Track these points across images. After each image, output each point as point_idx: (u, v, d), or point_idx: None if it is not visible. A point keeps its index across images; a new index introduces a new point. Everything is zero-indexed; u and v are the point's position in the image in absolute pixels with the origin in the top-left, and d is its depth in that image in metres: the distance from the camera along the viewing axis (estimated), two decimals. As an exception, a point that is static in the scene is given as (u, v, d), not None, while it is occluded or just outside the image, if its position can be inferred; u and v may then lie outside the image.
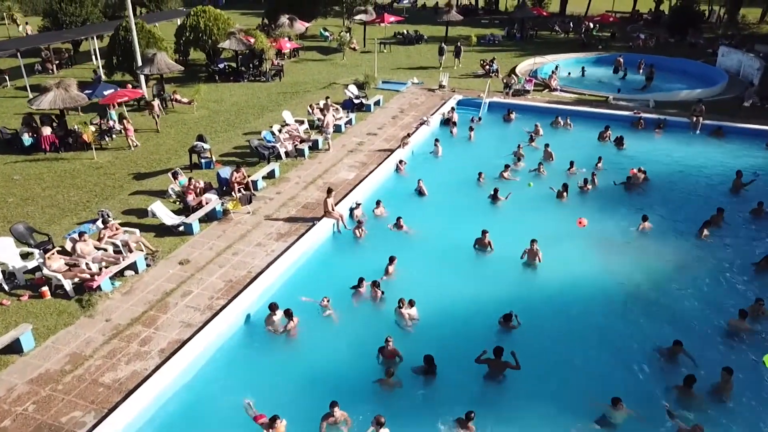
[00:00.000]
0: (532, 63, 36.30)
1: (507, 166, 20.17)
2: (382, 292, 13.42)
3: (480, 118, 26.05)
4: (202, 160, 19.93)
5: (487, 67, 33.18)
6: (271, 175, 19.14)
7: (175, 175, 17.85)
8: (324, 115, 21.72)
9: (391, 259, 14.33)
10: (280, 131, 21.70)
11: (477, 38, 40.99)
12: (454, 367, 11.33)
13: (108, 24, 37.73)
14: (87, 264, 13.42)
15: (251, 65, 33.30)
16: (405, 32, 43.13)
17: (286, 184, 18.88)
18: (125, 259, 13.74)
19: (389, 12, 53.83)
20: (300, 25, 37.20)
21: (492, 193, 18.32)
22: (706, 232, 16.26)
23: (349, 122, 24.27)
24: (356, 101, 26.35)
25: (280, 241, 15.33)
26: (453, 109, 25.65)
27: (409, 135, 22.01)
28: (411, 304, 12.86)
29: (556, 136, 23.96)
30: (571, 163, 20.94)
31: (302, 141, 21.53)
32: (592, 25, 46.29)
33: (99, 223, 15.20)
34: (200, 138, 20.32)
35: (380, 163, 20.34)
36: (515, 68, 35.00)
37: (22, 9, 52.57)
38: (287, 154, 20.92)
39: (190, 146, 19.99)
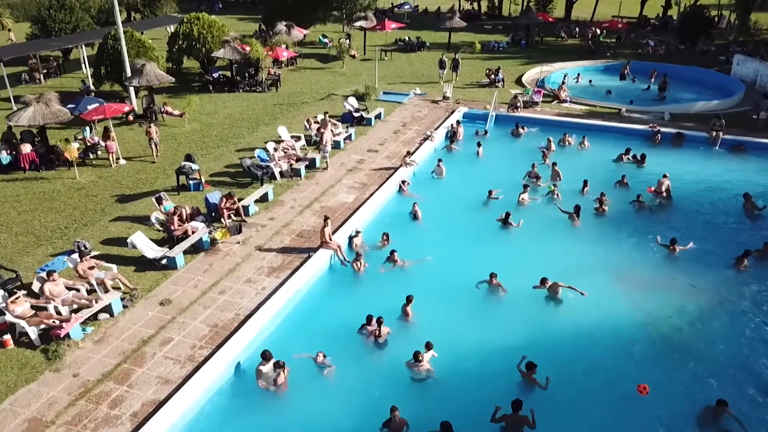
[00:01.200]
0: (538, 71, 35.02)
1: (526, 187, 18.75)
2: (388, 331, 12.05)
3: (486, 132, 24.69)
4: (191, 182, 18.55)
5: (493, 76, 31.81)
6: (263, 199, 17.76)
7: (159, 200, 16.47)
8: (322, 131, 20.33)
9: (409, 299, 12.88)
10: (275, 149, 20.31)
11: (481, 45, 39.64)
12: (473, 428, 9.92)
13: (98, 31, 36.32)
14: (56, 307, 12.03)
15: (246, 75, 31.96)
16: (406, 39, 41.81)
17: (280, 208, 17.49)
18: (99, 302, 12.34)
19: (390, 18, 52.60)
20: (298, 32, 35.88)
21: (503, 216, 16.94)
22: (745, 262, 14.81)
23: (349, 137, 22.90)
24: (356, 114, 24.98)
25: (272, 276, 13.94)
26: (458, 122, 24.29)
27: (410, 153, 20.61)
28: (428, 347, 11.47)
29: (568, 155, 22.51)
30: (585, 183, 19.62)
31: (298, 160, 20.16)
32: (599, 31, 44.99)
33: (75, 256, 13.81)
34: (188, 158, 18.95)
35: (381, 184, 18.96)
36: (521, 76, 33.70)
37: (14, 15, 51.24)
38: (282, 173, 19.54)
39: (178, 167, 18.59)
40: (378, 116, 25.59)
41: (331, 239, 14.88)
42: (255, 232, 16.03)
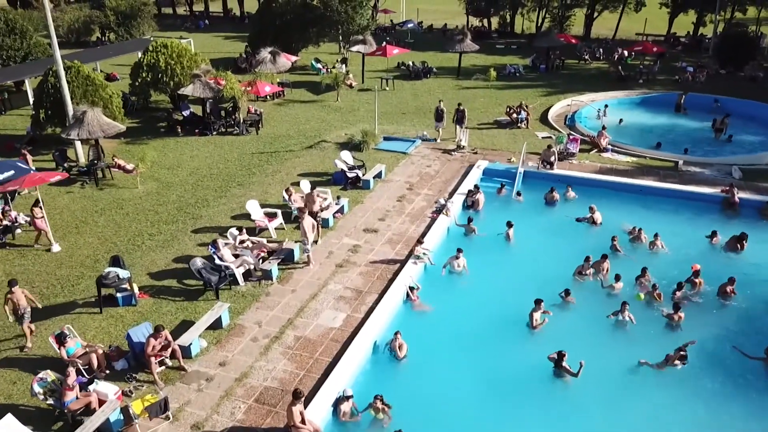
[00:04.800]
0: (566, 105, 29.99)
1: (568, 293, 13.76)
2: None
3: (519, 193, 19.62)
4: (119, 295, 13.44)
5: (514, 114, 26.72)
6: (216, 325, 12.62)
7: (61, 340, 11.33)
8: (302, 214, 15.19)
9: None
10: (240, 242, 15.16)
11: (496, 72, 34.58)
12: None
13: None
14: None
15: (223, 113, 26.94)
16: (411, 64, 36.75)
17: (236, 341, 12.34)
18: None
19: (391, 36, 47.69)
20: (285, 61, 30.83)
21: (554, 355, 11.84)
22: None
23: (341, 210, 17.78)
24: (351, 174, 19.87)
25: (210, 496, 8.82)
26: (477, 188, 19.11)
27: (420, 242, 15.46)
28: None
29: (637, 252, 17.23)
30: (644, 271, 14.79)
31: (270, 254, 15.02)
32: (626, 53, 39.93)
33: None
34: (115, 261, 13.83)
35: (383, 293, 13.81)
36: (547, 111, 28.62)
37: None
38: (248, 273, 14.43)
39: (99, 275, 13.45)
40: (378, 175, 20.46)
41: (304, 422, 9.73)
42: (195, 393, 10.89)
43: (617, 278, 14.70)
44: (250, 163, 22.50)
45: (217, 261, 14.14)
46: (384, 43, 36.18)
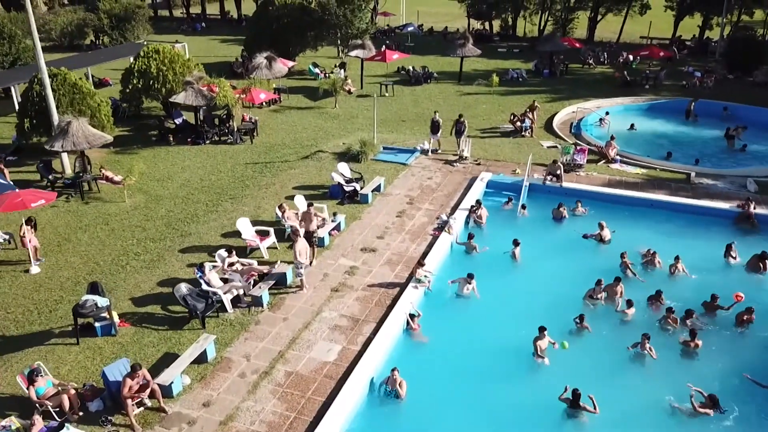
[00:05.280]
0: (571, 111, 29.07)
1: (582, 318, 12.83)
2: None
3: (524, 207, 18.72)
4: (97, 324, 12.50)
5: (518, 123, 25.79)
6: (201, 358, 11.68)
7: (31, 379, 10.39)
8: (297, 235, 14.27)
9: None
10: (229, 265, 14.22)
11: (499, 77, 33.65)
12: None
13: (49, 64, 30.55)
14: None
15: (217, 121, 26.02)
16: (411, 69, 35.80)
17: (222, 377, 11.41)
18: None
19: (391, 39, 46.82)
20: (281, 66, 29.94)
21: (567, 394, 10.91)
22: None
23: (337, 227, 16.85)
24: (348, 188, 18.94)
25: None
26: (479, 203, 18.13)
27: (422, 264, 14.52)
28: None
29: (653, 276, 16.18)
30: (658, 293, 14.00)
31: (261, 277, 14.10)
32: (631, 57, 39.02)
33: None
34: (93, 288, 12.88)
35: (381, 321, 12.88)
36: (552, 118, 27.71)
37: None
38: (237, 299, 13.50)
39: (75, 304, 12.52)
40: (377, 188, 19.52)
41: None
42: (175, 441, 9.97)
43: (629, 304, 13.79)
44: (243, 174, 21.57)
45: (204, 286, 13.21)
46: (383, 47, 35.26)
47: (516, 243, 16.01)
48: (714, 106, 29.59)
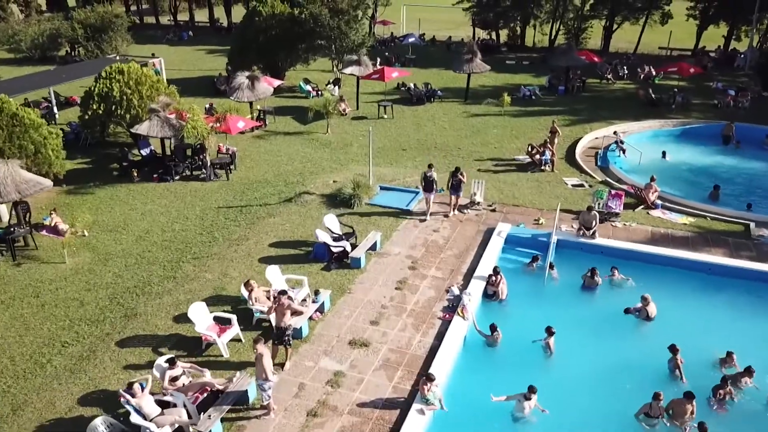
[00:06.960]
0: (595, 138, 25.65)
1: None
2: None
3: (552, 266, 15.20)
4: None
5: (537, 156, 22.27)
6: None
7: None
8: (275, 307, 10.74)
9: None
10: (172, 380, 10.65)
11: (510, 97, 30.15)
12: None
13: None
14: None
15: (190, 152, 22.50)
16: (412, 86, 32.26)
17: None
18: None
19: (391, 50, 43.33)
20: (266, 86, 26.42)
21: None
22: None
23: (320, 309, 13.29)
24: (336, 249, 15.39)
25: None
26: (497, 271, 14.48)
27: (430, 378, 10.84)
28: None
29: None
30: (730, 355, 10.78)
31: (216, 394, 10.52)
32: (654, 71, 35.50)
33: None
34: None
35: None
36: (574, 146, 24.20)
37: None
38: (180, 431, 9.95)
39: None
40: (372, 247, 15.95)
41: None
42: None
43: (702, 429, 10.25)
44: (213, 222, 18.05)
45: (134, 417, 9.66)
46: (378, 59, 31.69)
47: (550, 332, 12.47)
48: (755, 132, 26.15)
